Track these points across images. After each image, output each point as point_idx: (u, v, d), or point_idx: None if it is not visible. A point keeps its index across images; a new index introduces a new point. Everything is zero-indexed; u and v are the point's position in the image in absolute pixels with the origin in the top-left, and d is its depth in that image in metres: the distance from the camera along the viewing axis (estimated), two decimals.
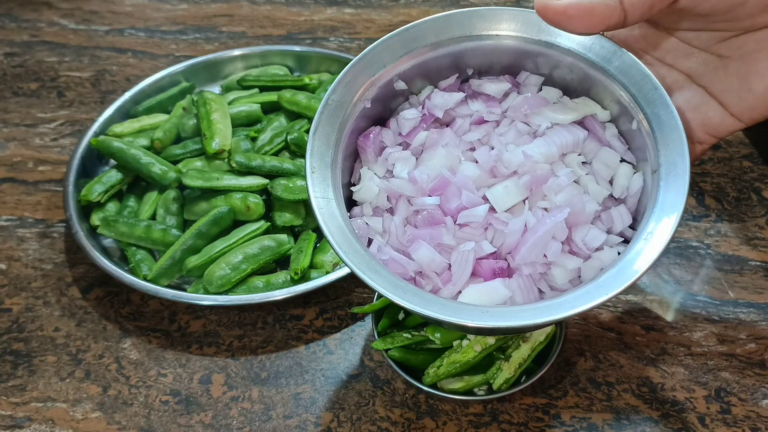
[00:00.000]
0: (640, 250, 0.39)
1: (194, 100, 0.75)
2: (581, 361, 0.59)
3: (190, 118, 0.75)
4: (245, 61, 0.86)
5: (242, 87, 0.82)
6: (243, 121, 0.77)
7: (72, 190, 0.70)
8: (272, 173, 0.69)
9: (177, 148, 0.73)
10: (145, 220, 0.68)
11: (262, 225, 0.67)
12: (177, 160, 0.72)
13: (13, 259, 0.70)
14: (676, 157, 0.41)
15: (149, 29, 0.98)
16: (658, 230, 0.40)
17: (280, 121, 0.76)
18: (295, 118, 0.77)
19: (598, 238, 0.43)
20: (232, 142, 0.72)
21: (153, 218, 0.70)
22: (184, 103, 0.78)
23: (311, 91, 0.79)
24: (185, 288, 0.65)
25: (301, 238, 0.67)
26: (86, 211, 0.70)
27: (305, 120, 0.76)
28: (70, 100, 0.87)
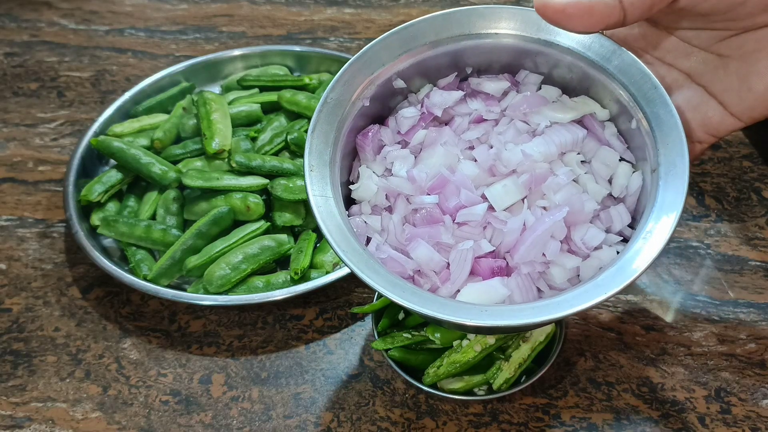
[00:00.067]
0: (639, 249, 0.39)
1: (194, 100, 0.75)
2: (581, 361, 0.59)
3: (190, 118, 0.75)
4: (245, 61, 0.86)
5: (242, 87, 0.82)
6: (243, 121, 0.77)
7: (72, 190, 0.70)
8: (272, 173, 0.69)
9: (177, 148, 0.73)
10: (145, 220, 0.68)
11: (262, 225, 0.67)
12: (177, 160, 0.72)
13: (13, 259, 0.70)
14: (676, 157, 0.41)
15: (149, 29, 0.98)
16: (657, 229, 0.39)
17: (280, 121, 0.76)
18: (295, 118, 0.77)
19: (597, 237, 0.43)
20: (232, 142, 0.72)
21: (153, 218, 0.70)
22: (184, 103, 0.78)
23: (311, 91, 0.79)
24: (185, 288, 0.65)
25: (301, 238, 0.67)
26: (86, 211, 0.70)
27: (305, 120, 0.76)
28: (70, 100, 0.87)
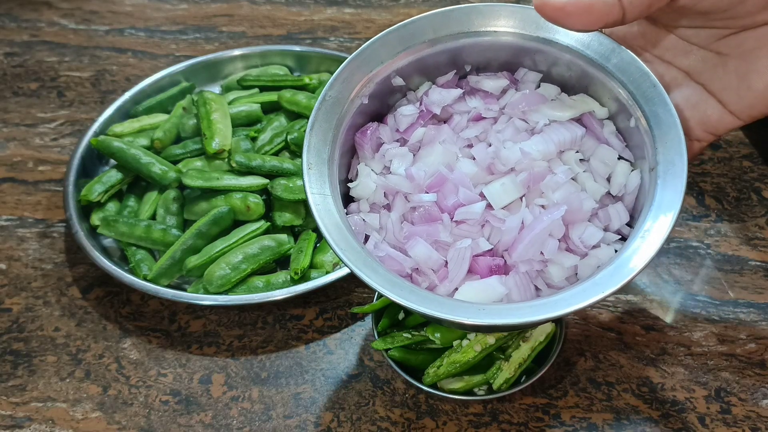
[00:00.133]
0: (637, 247, 0.39)
1: (194, 100, 0.75)
2: (581, 361, 0.58)
3: (190, 118, 0.75)
4: (245, 61, 0.86)
5: (242, 87, 0.82)
6: (243, 121, 0.77)
7: (72, 190, 0.70)
8: (272, 173, 0.69)
9: (177, 148, 0.73)
10: (145, 220, 0.68)
11: (262, 225, 0.67)
12: (177, 160, 0.72)
13: (13, 259, 0.70)
14: (674, 155, 0.41)
15: (149, 29, 0.98)
16: (655, 228, 0.39)
17: (280, 121, 0.76)
18: (295, 118, 0.77)
19: (595, 235, 0.43)
20: (232, 142, 0.72)
21: (153, 218, 0.70)
22: (184, 103, 0.78)
23: (311, 91, 0.79)
24: (185, 288, 0.65)
25: (301, 238, 0.67)
26: (86, 211, 0.70)
27: (305, 120, 0.76)
28: (70, 100, 0.87)
